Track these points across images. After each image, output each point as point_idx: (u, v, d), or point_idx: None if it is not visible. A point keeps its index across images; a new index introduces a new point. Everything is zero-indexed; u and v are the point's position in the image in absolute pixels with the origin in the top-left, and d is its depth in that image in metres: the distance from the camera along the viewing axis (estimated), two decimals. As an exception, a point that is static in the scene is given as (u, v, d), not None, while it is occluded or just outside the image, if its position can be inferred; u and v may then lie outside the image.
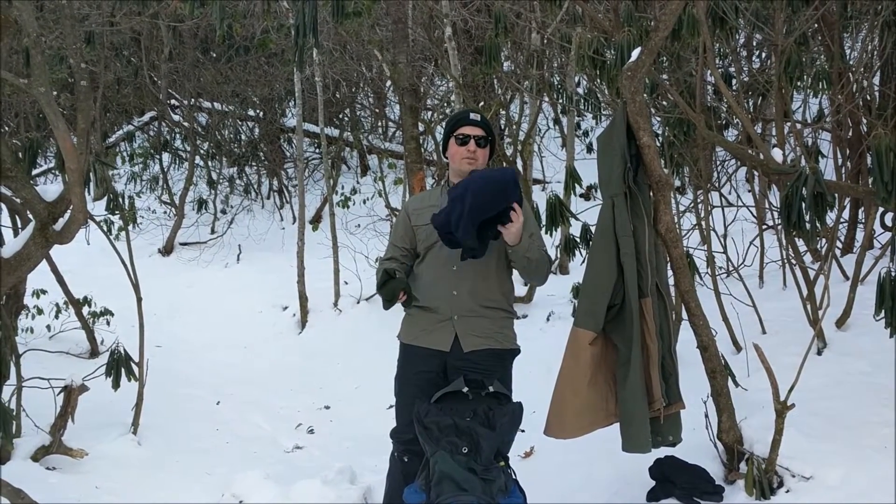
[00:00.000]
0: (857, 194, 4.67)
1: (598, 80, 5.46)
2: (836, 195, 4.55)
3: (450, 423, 3.06)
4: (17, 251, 3.69)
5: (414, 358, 3.40)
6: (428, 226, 3.35)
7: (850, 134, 5.37)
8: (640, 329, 3.13)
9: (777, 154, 3.42)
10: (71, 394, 4.52)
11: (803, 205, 3.02)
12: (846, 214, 5.48)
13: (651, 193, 3.25)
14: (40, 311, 6.92)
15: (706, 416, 3.55)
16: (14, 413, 4.34)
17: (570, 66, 7.27)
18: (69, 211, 3.68)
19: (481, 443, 3.03)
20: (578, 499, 3.74)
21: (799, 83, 4.96)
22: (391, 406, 5.37)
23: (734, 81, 5.52)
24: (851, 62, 5.42)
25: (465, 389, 3.18)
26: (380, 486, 3.77)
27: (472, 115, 3.45)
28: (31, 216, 3.88)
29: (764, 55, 6.97)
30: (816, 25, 4.97)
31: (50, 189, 3.74)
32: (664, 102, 5.58)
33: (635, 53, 3.16)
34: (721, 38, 4.95)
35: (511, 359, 3.41)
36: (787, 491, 3.18)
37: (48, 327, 6.94)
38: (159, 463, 4.64)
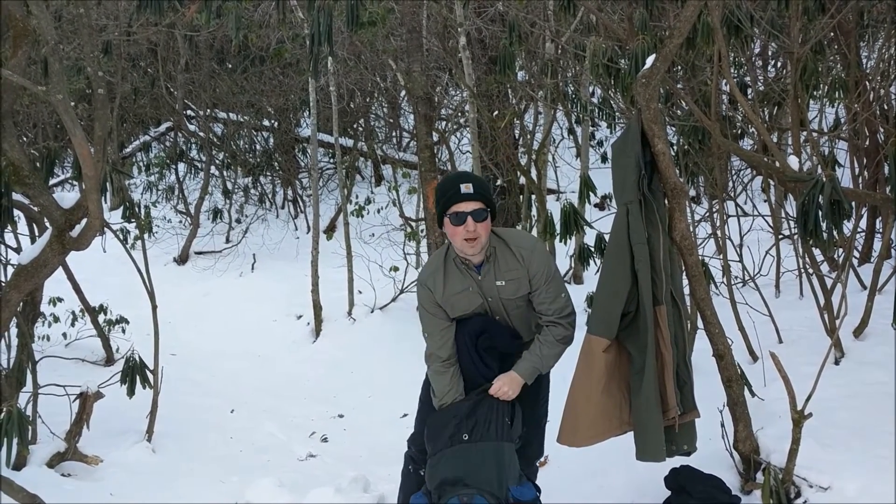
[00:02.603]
0: (875, 202, 4.64)
1: (613, 89, 5.46)
2: (853, 203, 4.52)
3: (451, 418, 3.07)
4: (35, 257, 3.72)
5: None
6: (471, 313, 3.28)
7: (867, 143, 5.34)
8: (655, 337, 3.11)
9: (793, 162, 3.40)
10: (86, 401, 4.55)
11: (820, 213, 3.00)
12: (863, 224, 5.44)
13: (666, 201, 3.23)
14: (56, 319, 6.96)
15: (722, 425, 3.52)
16: (30, 419, 4.36)
17: (584, 75, 7.27)
18: (86, 218, 3.71)
19: (480, 416, 3.03)
20: (593, 508, 3.72)
21: (815, 92, 4.94)
22: (405, 415, 5.41)
23: (749, 90, 5.51)
24: (868, 70, 5.39)
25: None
26: (393, 495, 3.77)
27: (463, 188, 3.09)
28: (47, 223, 3.91)
29: (779, 64, 6.95)
30: (832, 34, 4.95)
31: (67, 196, 3.77)
32: (678, 111, 5.57)
33: (650, 61, 3.15)
34: (736, 47, 4.94)
35: (546, 375, 3.42)
36: (805, 501, 3.15)
37: (64, 335, 6.97)
38: (173, 470, 4.65)
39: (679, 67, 5.58)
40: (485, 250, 3.20)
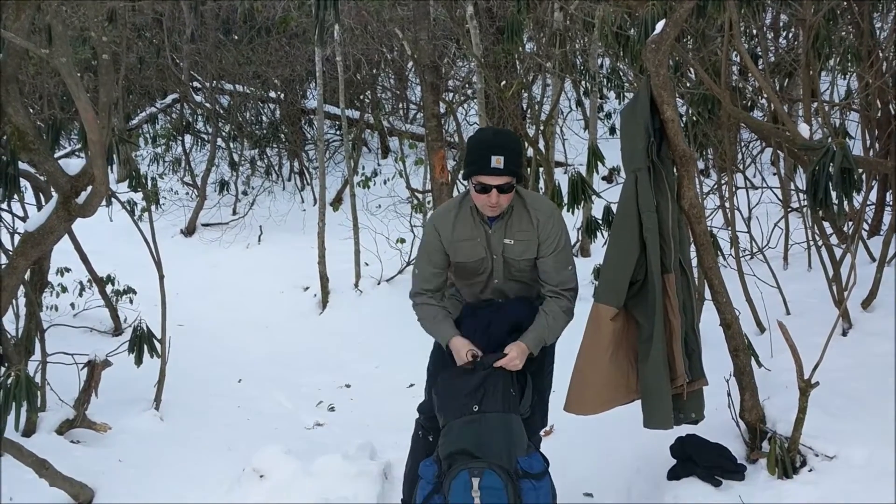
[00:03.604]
0: (886, 170, 4.59)
1: (622, 58, 5.40)
2: (864, 174, 4.47)
3: (461, 389, 3.07)
4: (41, 225, 3.72)
5: None
6: (471, 262, 3.26)
7: (879, 114, 5.27)
8: (663, 305, 3.10)
9: (804, 130, 3.37)
10: (94, 369, 4.56)
11: (830, 182, 2.97)
12: (873, 196, 5.39)
13: (675, 168, 3.21)
14: (64, 289, 6.99)
15: (729, 394, 3.52)
16: (38, 386, 4.38)
17: (593, 45, 7.20)
18: (91, 185, 3.70)
19: (488, 386, 3.04)
20: (599, 477, 3.74)
21: (828, 62, 4.87)
22: (412, 385, 5.43)
23: (760, 61, 5.44)
24: (881, 40, 5.31)
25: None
26: (399, 462, 3.78)
27: (493, 162, 2.98)
28: (53, 191, 3.90)
29: (791, 35, 6.86)
30: (845, 2, 4.88)
31: (73, 163, 3.77)
32: (687, 83, 5.51)
33: (659, 26, 3.11)
34: (748, 15, 4.87)
35: (551, 346, 3.40)
36: (811, 470, 3.15)
37: (72, 305, 7.01)
38: (181, 438, 4.68)
39: (689, 37, 5.51)
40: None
